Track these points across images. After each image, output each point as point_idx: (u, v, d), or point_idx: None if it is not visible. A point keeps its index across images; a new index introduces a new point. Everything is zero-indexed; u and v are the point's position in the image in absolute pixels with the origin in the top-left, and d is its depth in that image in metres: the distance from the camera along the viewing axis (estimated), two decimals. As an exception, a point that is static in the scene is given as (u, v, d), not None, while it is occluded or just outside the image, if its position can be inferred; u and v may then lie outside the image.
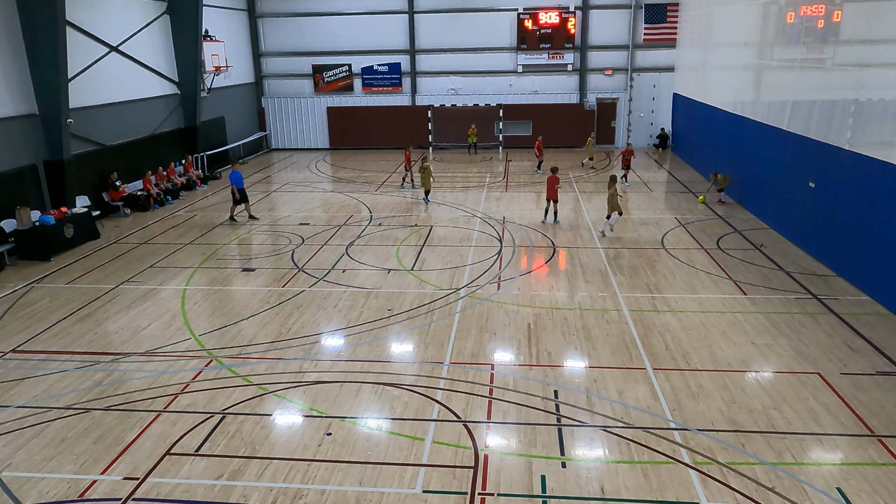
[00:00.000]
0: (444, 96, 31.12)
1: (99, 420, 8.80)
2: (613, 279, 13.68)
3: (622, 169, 23.57)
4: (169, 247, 16.72)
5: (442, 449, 7.99)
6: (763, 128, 17.56)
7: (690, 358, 10.16)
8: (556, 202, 18.19)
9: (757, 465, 7.55)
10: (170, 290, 13.69)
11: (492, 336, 11.09)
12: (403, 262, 15.10)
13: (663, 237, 16.56)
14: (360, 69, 31.20)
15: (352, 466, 7.70)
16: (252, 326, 11.72)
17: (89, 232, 17.38)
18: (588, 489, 7.22)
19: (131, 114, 21.82)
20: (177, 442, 8.24)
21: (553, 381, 9.56)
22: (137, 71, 22.32)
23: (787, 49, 17.23)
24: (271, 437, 8.35)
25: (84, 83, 19.32)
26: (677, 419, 8.50)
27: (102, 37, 20.33)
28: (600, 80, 30.40)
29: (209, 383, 9.70)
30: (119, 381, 9.86)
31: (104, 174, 19.94)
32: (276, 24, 31.12)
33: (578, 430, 8.33)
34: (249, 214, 19.18)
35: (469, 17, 30.00)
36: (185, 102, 24.92)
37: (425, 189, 20.92)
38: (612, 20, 29.51)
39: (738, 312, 11.85)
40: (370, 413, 8.83)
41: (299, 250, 16.11)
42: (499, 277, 13.93)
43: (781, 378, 9.51)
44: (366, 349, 10.76)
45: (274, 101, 32.11)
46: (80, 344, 11.18)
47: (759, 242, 15.86)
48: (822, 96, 14.84)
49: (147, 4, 22.82)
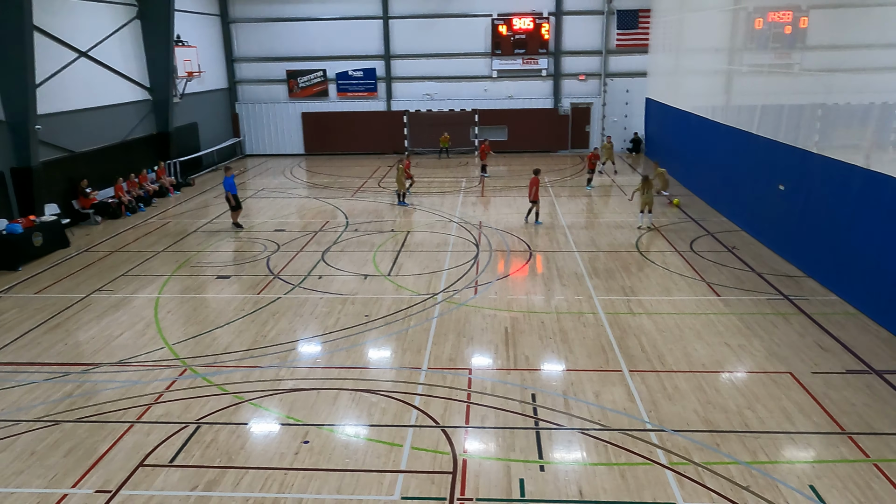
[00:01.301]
0: (419, 101, 31.14)
1: (70, 432, 8.61)
2: (589, 282, 13.78)
3: (587, 173, 23.78)
4: (141, 254, 16.47)
5: (420, 455, 7.96)
6: (734, 132, 17.86)
7: (665, 359, 10.27)
8: (537, 203, 18.42)
9: (732, 464, 7.64)
10: (143, 298, 13.48)
11: (469, 341, 11.09)
12: (380, 267, 15.05)
13: (638, 240, 16.74)
14: (335, 74, 31.10)
15: (330, 474, 7.63)
16: (227, 334, 11.58)
17: (59, 240, 17.04)
18: (566, 492, 7.25)
19: (102, 120, 21.47)
20: (150, 453, 8.10)
21: (531, 385, 9.59)
22: (108, 76, 21.99)
23: (756, 54, 17.56)
24: (247, 446, 8.24)
25: (53, 89, 18.98)
26: (653, 420, 8.57)
27: (72, 42, 20.00)
28: (574, 85, 30.68)
29: (183, 393, 9.55)
30: (90, 392, 9.67)
31: (74, 181, 19.59)
32: (250, 30, 30.89)
33: (556, 434, 8.36)
34: (235, 222, 18.94)
35: (444, 23, 30.09)
36: (158, 108, 24.60)
37: (400, 191, 21.08)
38: (585, 26, 29.81)
39: (711, 314, 12.01)
40: (348, 420, 8.77)
41: (275, 257, 15.98)
42: (476, 282, 13.96)
43: (755, 378, 9.65)
44: (343, 356, 10.69)
45: (248, 106, 31.85)
46: (49, 355, 10.95)
47: (731, 245, 16.10)
48: (790, 101, 15.15)
49: (117, 9, 22.51)
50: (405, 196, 21.46)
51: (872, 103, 12.23)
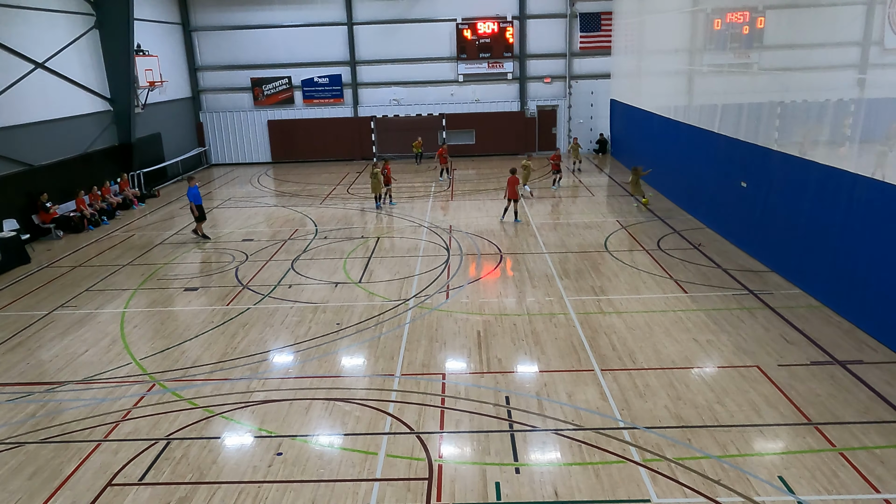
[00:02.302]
0: (386, 107, 31.08)
1: (34, 454, 8.38)
2: (560, 283, 13.88)
3: (553, 174, 24.25)
4: (105, 269, 16.12)
5: (395, 462, 7.92)
6: (696, 131, 18.18)
7: (636, 357, 10.39)
8: (516, 201, 18.85)
9: (703, 458, 7.75)
10: (108, 313, 13.19)
11: (442, 345, 11.09)
12: (351, 274, 14.96)
13: (606, 240, 16.92)
14: (301, 82, 30.89)
15: (304, 486, 7.55)
16: (196, 347, 11.39)
17: (18, 256, 16.60)
18: (542, 493, 7.27)
19: (61, 132, 21.00)
20: (119, 472, 7.92)
21: (504, 388, 9.62)
22: (66, 87, 21.52)
23: (715, 55, 17.91)
24: (219, 460, 8.11)
25: (8, 101, 18.51)
26: (626, 418, 8.66)
27: (27, 53, 19.53)
28: (540, 87, 30.94)
29: (152, 408, 9.37)
30: (55, 412, 9.43)
31: (33, 195, 19.11)
32: (213, 38, 30.52)
33: (531, 435, 8.39)
34: (202, 233, 18.65)
35: (408, 28, 30.10)
36: (119, 119, 24.14)
37: (375, 194, 21.25)
38: (548, 29, 30.10)
39: (680, 311, 12.19)
40: (321, 430, 8.69)
41: (243, 267, 15.78)
42: (447, 286, 13.96)
43: (723, 373, 9.82)
44: (315, 365, 10.60)
45: (212, 115, 31.45)
46: (10, 375, 10.65)
47: (697, 242, 16.38)
48: (749, 99, 15.47)
49: (74, 19, 22.05)
50: (382, 198, 21.53)
51: (828, 100, 12.56)
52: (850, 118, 11.90)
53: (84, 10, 22.55)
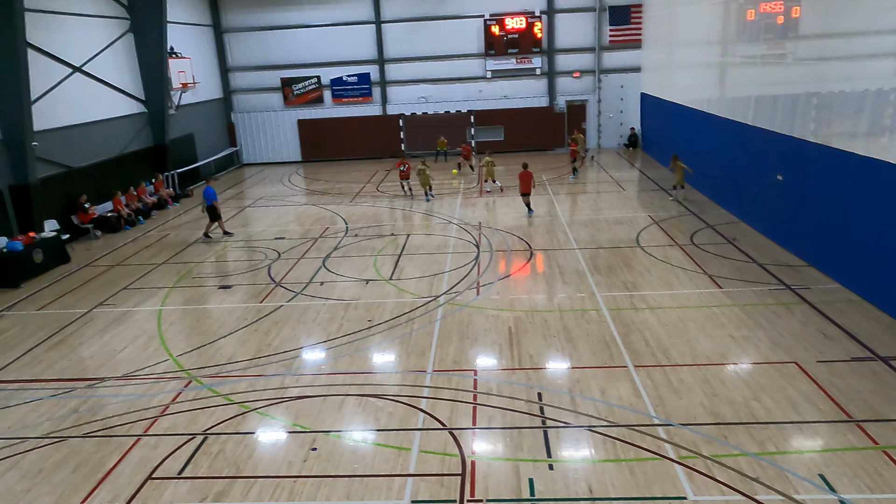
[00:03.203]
0: (414, 104, 31.15)
1: (77, 448, 8.61)
2: (591, 279, 13.78)
3: (571, 163, 25.01)
4: (142, 267, 16.47)
5: (428, 458, 7.95)
6: (729, 123, 17.86)
7: (670, 353, 10.26)
8: (528, 195, 19.25)
9: (740, 456, 7.63)
10: (145, 311, 13.48)
11: (473, 342, 11.09)
12: (381, 271, 15.05)
13: (638, 235, 16.74)
14: (330, 81, 31.12)
15: (338, 481, 7.63)
16: (231, 344, 11.58)
17: (59, 256, 17.04)
18: (576, 490, 7.24)
19: (98, 134, 21.49)
20: (158, 466, 8.09)
21: (536, 384, 9.59)
22: (103, 91, 22.01)
23: (748, 46, 17.56)
24: (255, 455, 8.24)
25: (48, 105, 18.99)
26: (660, 415, 8.57)
27: (65, 57, 20.02)
28: (569, 82, 30.69)
29: (189, 404, 9.55)
30: (96, 407, 9.67)
31: (72, 197, 19.60)
32: (243, 39, 30.92)
33: (564, 432, 8.35)
34: (206, 233, 19.06)
35: (436, 25, 30.11)
36: (153, 121, 24.61)
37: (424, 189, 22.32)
38: (577, 23, 29.83)
39: (714, 306, 12.01)
40: (355, 426, 8.77)
41: (276, 265, 15.98)
42: (477, 283, 13.95)
43: (759, 369, 9.64)
44: (347, 361, 10.69)
45: (243, 115, 31.86)
46: (53, 371, 10.95)
47: (731, 236, 16.10)
48: (784, 91, 15.14)
49: (110, 23, 22.53)
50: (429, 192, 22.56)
51: (866, 90, 12.23)
52: (891, 108, 11.58)
53: (119, 15, 23.02)
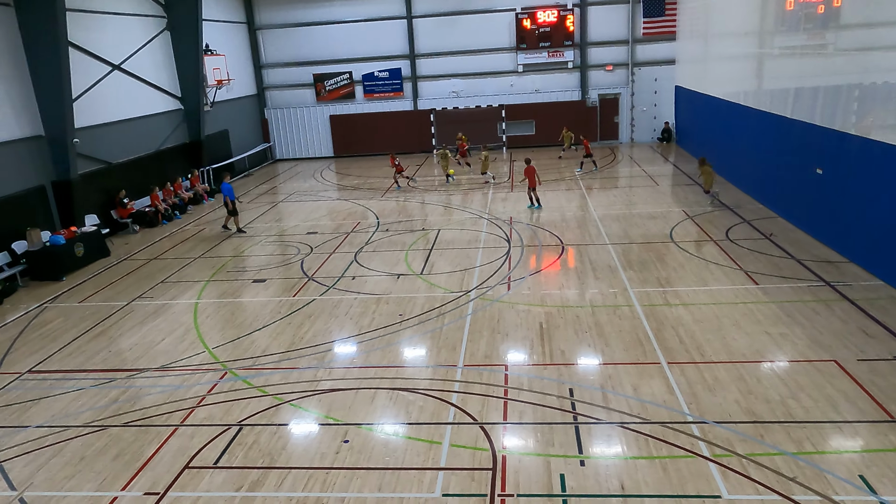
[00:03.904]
0: (445, 99, 31.16)
1: (117, 437, 8.84)
2: (623, 275, 13.64)
3: (584, 157, 24.96)
4: (179, 261, 16.81)
5: (459, 452, 7.98)
6: (767, 116, 17.47)
7: (704, 350, 10.11)
8: (534, 189, 19.49)
9: (777, 455, 7.49)
10: (182, 304, 13.76)
11: (504, 337, 11.08)
12: (412, 266, 15.11)
13: (672, 230, 16.51)
14: (361, 76, 31.29)
15: (370, 473, 7.70)
16: (265, 337, 11.76)
17: (99, 250, 17.49)
18: (608, 486, 7.19)
19: (136, 131, 21.96)
20: (195, 455, 8.27)
21: (568, 380, 9.54)
22: (140, 88, 22.47)
23: (787, 36, 17.15)
24: (289, 446, 8.37)
25: (88, 103, 19.47)
26: (694, 412, 8.46)
27: (105, 56, 20.49)
28: (601, 76, 30.36)
29: (224, 395, 9.73)
30: (135, 397, 9.92)
31: (112, 192, 20.08)
32: (276, 36, 31.26)
33: (595, 428, 8.30)
34: (225, 225, 19.51)
35: (467, 20, 30.04)
36: (189, 117, 25.06)
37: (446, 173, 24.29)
38: (610, 16, 29.47)
39: (750, 303, 11.79)
40: (386, 419, 8.84)
41: (308, 259, 16.16)
42: (508, 278, 13.92)
43: (797, 367, 9.45)
44: (379, 355, 10.77)
45: (277, 111, 32.24)
46: (94, 362, 11.25)
47: (768, 231, 15.78)
48: (825, 82, 14.76)
49: (147, 21, 22.98)
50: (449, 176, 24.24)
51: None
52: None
53: (156, 13, 23.46)
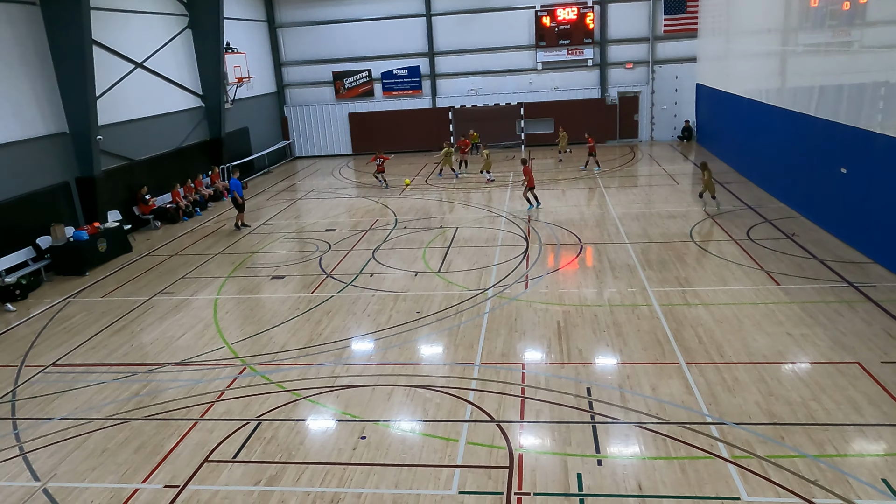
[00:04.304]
0: (464, 97, 31.14)
1: (138, 430, 8.96)
2: (642, 274, 13.54)
3: (588, 156, 24.83)
4: (199, 257, 16.98)
5: (476, 450, 7.98)
6: (790, 115, 17.24)
7: (724, 351, 10.02)
8: (533, 189, 19.30)
9: (798, 457, 7.40)
10: (202, 299, 13.90)
11: (521, 335, 11.05)
12: (430, 264, 15.13)
13: (692, 230, 16.36)
14: (380, 74, 31.38)
15: (387, 469, 7.73)
16: (283, 333, 11.84)
17: (122, 246, 17.73)
18: (625, 486, 7.15)
19: (158, 128, 22.22)
20: (214, 449, 8.36)
21: (585, 379, 9.50)
22: (162, 86, 22.72)
23: (812, 34, 16.90)
24: (306, 441, 8.42)
25: (112, 100, 19.72)
26: (713, 413, 8.38)
27: (128, 54, 20.73)
28: (621, 73, 30.15)
29: (243, 390, 9.82)
30: (156, 391, 10.04)
31: (134, 188, 20.34)
32: (296, 34, 31.44)
33: (613, 427, 8.26)
34: (242, 222, 19.75)
35: (486, 17, 29.99)
36: (210, 115, 25.30)
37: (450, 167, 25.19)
38: (630, 13, 29.26)
39: (771, 303, 11.65)
40: (403, 415, 8.86)
41: (326, 256, 16.25)
42: (526, 276, 13.89)
43: (819, 368, 9.32)
44: (396, 352, 10.80)
45: (296, 109, 32.44)
46: (116, 356, 11.41)
47: (790, 231, 15.58)
48: (850, 80, 14.52)
49: (169, 20, 23.22)
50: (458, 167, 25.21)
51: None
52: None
53: (178, 12, 23.70)
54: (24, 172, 16.30)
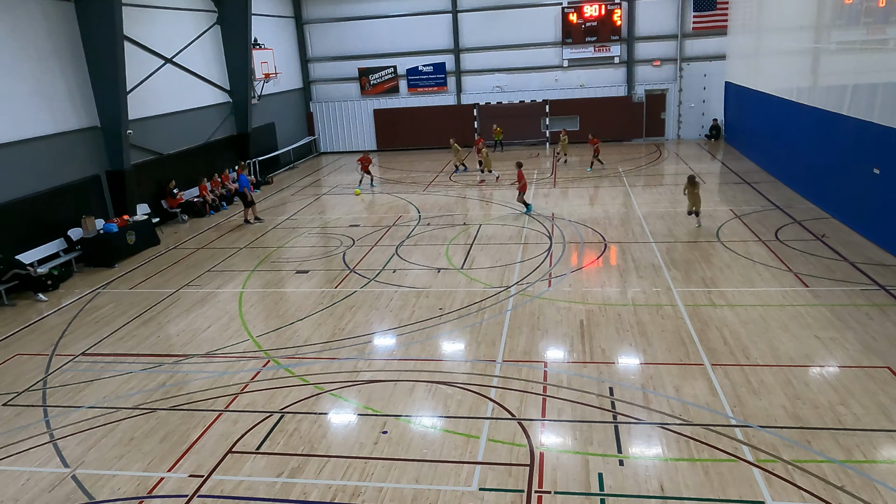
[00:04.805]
0: (489, 94, 31.06)
1: (164, 419, 9.12)
2: (667, 274, 13.41)
3: (592, 157, 24.46)
4: (225, 251, 17.19)
5: (497, 447, 7.98)
6: (822, 113, 16.92)
7: (750, 353, 9.88)
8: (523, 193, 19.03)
9: (824, 462, 7.29)
10: (227, 293, 14.07)
11: (544, 333, 11.02)
12: (453, 260, 15.14)
13: (718, 230, 16.15)
14: (406, 70, 31.42)
15: (408, 464, 7.77)
16: (307, 327, 11.95)
17: (150, 238, 18.02)
18: (647, 487, 7.10)
19: (186, 123, 22.52)
20: (238, 440, 8.47)
21: (608, 378, 9.44)
22: (191, 81, 23.01)
23: (845, 31, 16.57)
24: (328, 435, 8.49)
25: (142, 95, 20.02)
26: (738, 416, 8.28)
27: (158, 49, 21.03)
28: (648, 71, 29.83)
29: (267, 383, 9.93)
30: (182, 382, 10.20)
31: (162, 182, 20.64)
32: (323, 30, 31.61)
33: (635, 428, 8.20)
34: (255, 216, 20.02)
35: (512, 14, 29.85)
36: (237, 110, 25.57)
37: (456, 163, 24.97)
38: (659, 10, 28.91)
39: (799, 305, 11.46)
40: (424, 411, 8.89)
41: (350, 251, 16.34)
42: (549, 274, 13.83)
43: (848, 372, 9.16)
44: (418, 348, 10.83)
45: (322, 105, 32.63)
46: (144, 346, 11.61)
47: (820, 232, 15.30)
48: (885, 78, 14.20)
49: (199, 16, 23.50)
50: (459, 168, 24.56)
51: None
52: None
53: (207, 8, 23.97)
54: (57, 165, 16.65)
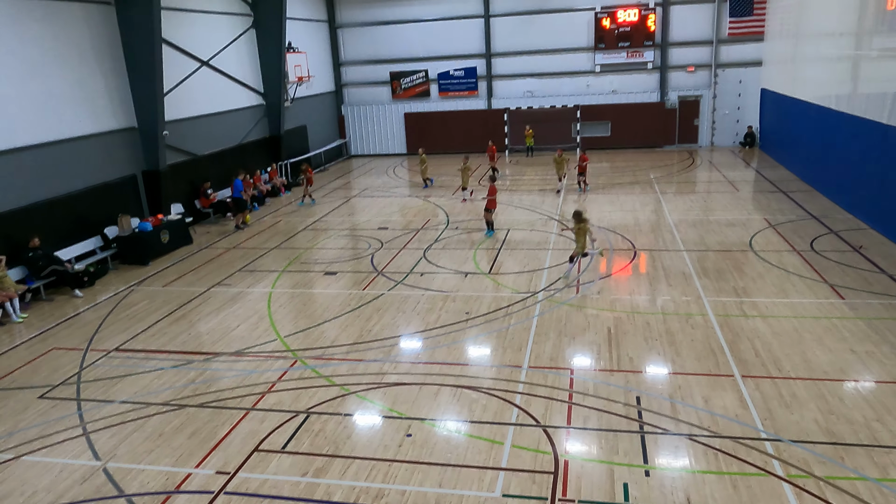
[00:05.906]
0: (520, 99, 31.00)
1: (193, 416, 9.26)
2: (698, 283, 13.21)
3: (578, 176, 22.22)
4: (255, 251, 17.42)
5: (521, 453, 7.94)
6: (861, 122, 16.54)
7: (782, 365, 9.68)
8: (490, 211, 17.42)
9: (858, 480, 7.10)
10: (257, 292, 14.25)
11: (571, 340, 10.94)
12: (480, 265, 15.12)
13: (751, 239, 15.87)
14: (437, 75, 31.53)
15: (432, 468, 7.77)
16: (334, 328, 12.03)
17: (183, 238, 18.34)
18: (673, 499, 7.00)
19: (221, 125, 22.90)
20: (265, 439, 8.56)
21: (635, 387, 9.33)
22: (226, 84, 23.40)
23: (888, 38, 16.16)
24: (353, 436, 8.54)
25: (178, 97, 20.42)
26: (769, 429, 8.11)
27: (194, 52, 21.43)
28: (682, 77, 29.48)
29: (294, 383, 10.02)
30: (211, 380, 10.35)
31: (196, 183, 21.01)
32: (355, 34, 31.89)
33: (662, 438, 8.09)
34: (242, 221, 20.12)
35: (545, 19, 29.78)
36: (270, 112, 25.92)
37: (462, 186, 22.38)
38: (694, 15, 28.57)
39: (834, 318, 11.20)
40: (449, 415, 8.89)
41: (378, 254, 16.42)
42: (577, 281, 13.73)
43: (885, 388, 8.91)
44: (444, 352, 10.84)
45: (353, 108, 32.91)
46: (175, 343, 11.81)
47: (857, 244, 14.94)
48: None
49: (234, 20, 23.90)
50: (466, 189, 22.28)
51: None
52: None
53: (243, 12, 24.38)
54: (96, 165, 17.06)
